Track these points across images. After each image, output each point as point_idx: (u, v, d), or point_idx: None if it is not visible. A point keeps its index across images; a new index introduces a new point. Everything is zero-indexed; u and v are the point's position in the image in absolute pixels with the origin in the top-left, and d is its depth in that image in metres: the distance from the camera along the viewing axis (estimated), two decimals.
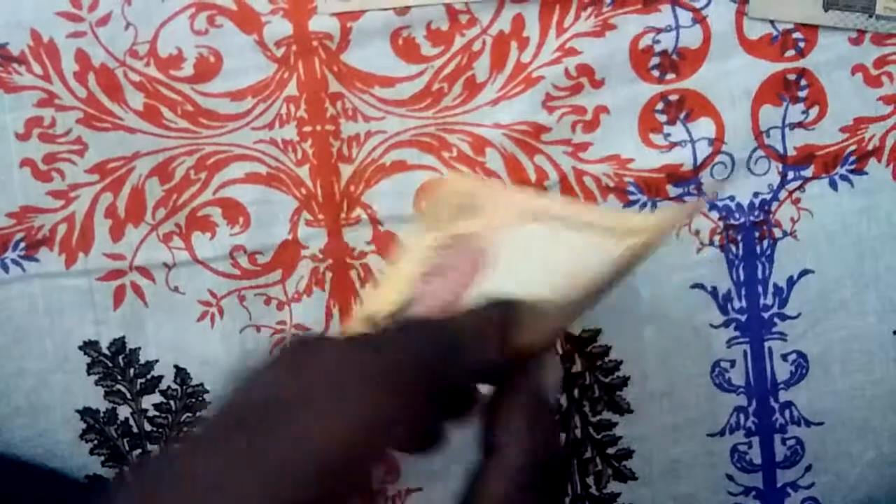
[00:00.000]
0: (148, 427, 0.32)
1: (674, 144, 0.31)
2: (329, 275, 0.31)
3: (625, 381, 0.32)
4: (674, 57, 0.31)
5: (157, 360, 0.31)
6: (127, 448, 0.32)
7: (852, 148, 0.32)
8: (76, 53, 0.29)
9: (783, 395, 0.33)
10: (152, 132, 0.30)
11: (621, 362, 0.32)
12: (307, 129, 0.30)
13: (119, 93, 0.30)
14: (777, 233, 0.32)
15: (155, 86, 0.30)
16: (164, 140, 0.30)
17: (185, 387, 0.32)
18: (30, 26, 0.29)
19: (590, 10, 0.30)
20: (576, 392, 0.32)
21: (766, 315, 0.32)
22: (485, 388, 0.23)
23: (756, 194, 0.32)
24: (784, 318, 0.32)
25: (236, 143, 0.30)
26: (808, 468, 0.33)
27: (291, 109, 0.30)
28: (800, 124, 0.31)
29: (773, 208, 0.32)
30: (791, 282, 0.32)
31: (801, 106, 0.31)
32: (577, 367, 0.32)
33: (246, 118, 0.30)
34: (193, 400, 0.32)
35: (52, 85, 0.30)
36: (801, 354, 0.33)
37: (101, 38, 0.29)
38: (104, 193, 0.30)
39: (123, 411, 0.32)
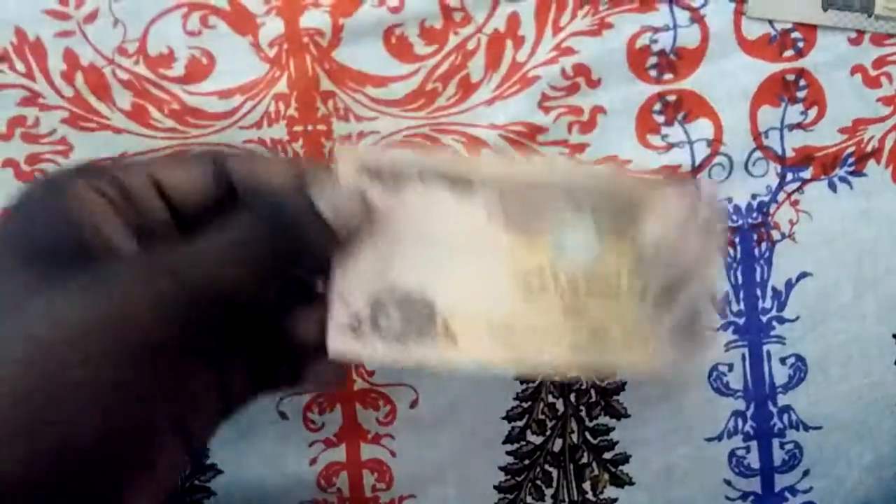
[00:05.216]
0: None
1: (671, 146, 0.31)
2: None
3: (622, 385, 0.32)
4: (671, 57, 0.30)
5: None
6: None
7: (851, 149, 0.31)
8: (64, 53, 0.29)
9: (781, 399, 0.33)
10: (139, 133, 0.29)
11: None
12: (298, 128, 0.30)
13: (107, 92, 0.29)
14: (775, 235, 0.32)
15: (144, 84, 0.29)
16: (152, 141, 0.29)
17: None
18: (14, 24, 0.29)
19: (586, 8, 0.29)
20: (572, 397, 0.32)
21: (764, 318, 0.32)
22: None
23: (754, 196, 0.31)
24: (783, 321, 0.32)
25: (225, 143, 0.30)
26: (807, 472, 0.33)
27: (281, 108, 0.29)
28: (798, 125, 0.31)
29: (771, 210, 0.32)
30: (790, 285, 0.32)
31: (799, 107, 0.31)
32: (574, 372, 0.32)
33: (233, 117, 0.29)
34: None
35: (36, 83, 0.29)
36: (799, 358, 0.32)
37: (90, 35, 0.29)
38: None
39: None
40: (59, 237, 0.19)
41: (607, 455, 0.32)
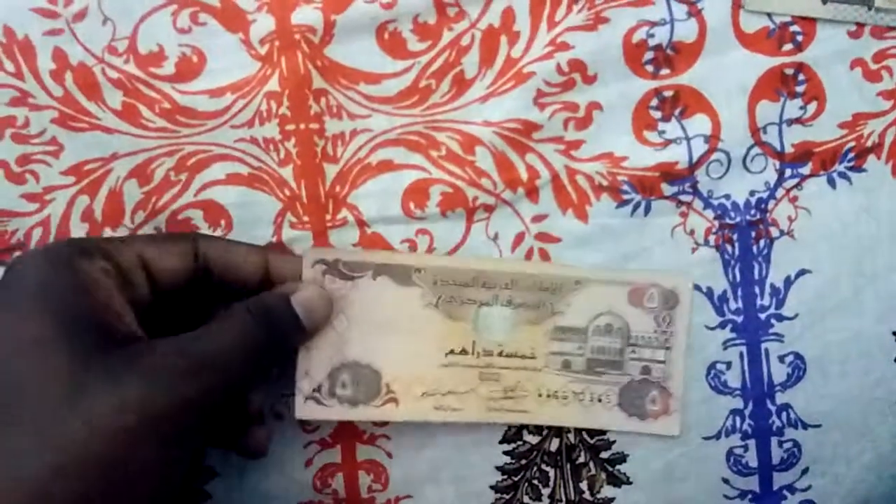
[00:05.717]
0: None
1: (668, 142, 0.30)
2: None
3: None
4: (668, 51, 0.30)
5: None
6: None
7: (851, 144, 0.31)
8: (53, 52, 0.28)
9: (780, 398, 0.32)
10: (130, 132, 0.29)
11: None
12: (290, 127, 0.29)
13: (97, 91, 0.29)
14: (774, 232, 0.31)
15: (134, 83, 0.29)
16: (143, 140, 0.29)
17: None
18: (2, 23, 0.28)
19: (582, 2, 0.29)
20: None
21: (762, 316, 0.32)
22: None
23: (752, 193, 0.31)
24: (781, 319, 0.32)
25: (216, 142, 0.29)
26: (805, 471, 0.33)
27: (272, 106, 0.29)
28: (797, 120, 0.31)
29: (769, 207, 0.31)
30: (788, 282, 0.31)
31: (798, 101, 0.30)
32: None
33: (224, 115, 0.29)
34: None
35: (25, 83, 0.29)
36: (798, 356, 0.32)
37: (79, 34, 0.28)
38: (80, 196, 0.29)
39: None
40: (90, 319, 0.22)
41: (604, 454, 0.32)
